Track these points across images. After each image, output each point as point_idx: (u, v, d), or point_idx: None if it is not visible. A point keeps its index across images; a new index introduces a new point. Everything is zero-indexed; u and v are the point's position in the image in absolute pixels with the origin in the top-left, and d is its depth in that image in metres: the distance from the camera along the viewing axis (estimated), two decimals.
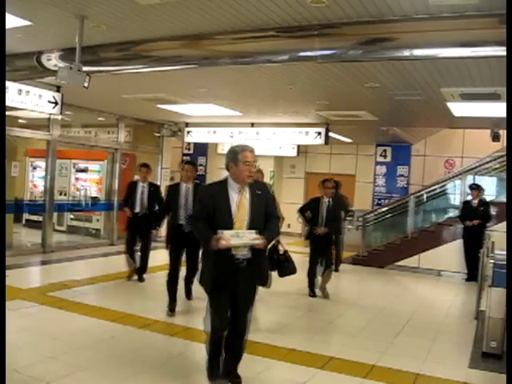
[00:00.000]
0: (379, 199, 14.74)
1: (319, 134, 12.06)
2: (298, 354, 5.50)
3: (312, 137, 12.22)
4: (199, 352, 4.96)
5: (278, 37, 5.40)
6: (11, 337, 4.83)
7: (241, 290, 4.27)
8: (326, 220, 8.35)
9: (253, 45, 5.65)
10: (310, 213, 8.45)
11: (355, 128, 12.52)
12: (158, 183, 14.28)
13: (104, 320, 6.28)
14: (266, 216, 4.31)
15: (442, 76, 6.98)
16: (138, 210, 8.69)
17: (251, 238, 4.10)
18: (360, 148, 15.94)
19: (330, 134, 12.37)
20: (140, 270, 8.74)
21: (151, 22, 5.57)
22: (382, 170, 14.74)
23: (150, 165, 9.27)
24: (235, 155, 4.18)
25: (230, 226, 4.10)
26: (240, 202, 4.17)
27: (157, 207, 8.59)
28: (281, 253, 6.45)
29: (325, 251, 8.44)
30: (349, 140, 14.63)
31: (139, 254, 8.80)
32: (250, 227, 4.16)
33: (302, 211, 8.64)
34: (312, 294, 8.44)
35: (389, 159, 14.65)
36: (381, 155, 14.74)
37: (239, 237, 4.07)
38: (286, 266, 6.44)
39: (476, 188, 11.09)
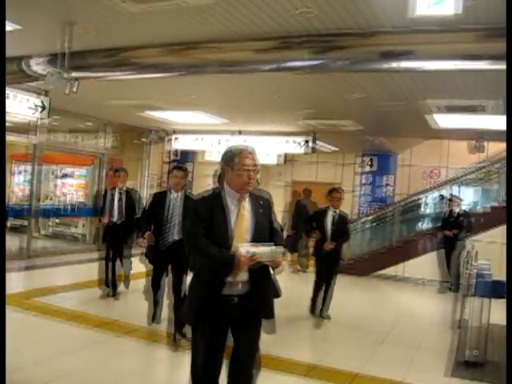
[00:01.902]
0: (364, 208, 14.82)
1: (306, 142, 12.12)
2: (281, 361, 5.53)
3: (299, 145, 12.27)
4: (183, 358, 4.98)
5: (266, 46, 5.45)
6: None
7: (238, 329, 3.40)
8: (332, 234, 7.52)
9: (240, 54, 5.69)
10: (317, 226, 7.64)
11: (341, 137, 12.61)
12: (145, 189, 14.23)
13: (88, 326, 6.27)
14: (270, 232, 3.53)
15: (428, 88, 7.07)
16: (115, 218, 8.02)
17: (270, 249, 3.27)
18: (346, 157, 16.02)
19: (317, 142, 12.45)
20: (115, 286, 8.09)
21: (140, 29, 5.59)
22: (368, 178, 14.82)
23: (126, 169, 8.58)
24: (231, 158, 3.43)
25: (226, 245, 3.29)
26: (239, 214, 3.41)
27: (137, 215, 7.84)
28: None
29: (330, 269, 7.58)
30: (335, 149, 14.72)
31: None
32: (255, 242, 3.35)
33: (308, 227, 7.94)
34: (312, 311, 7.74)
35: (374, 168, 14.73)
36: (367, 164, 14.83)
37: (258, 248, 3.24)
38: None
39: (453, 199, 11.23)
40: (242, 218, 3.41)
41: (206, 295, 3.33)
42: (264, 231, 3.46)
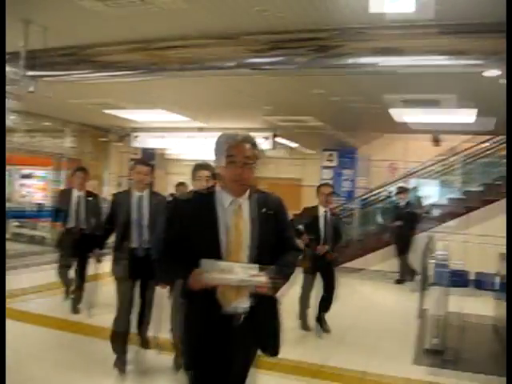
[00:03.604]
0: None
1: (266, 138, 12.18)
2: None
3: (259, 142, 12.30)
4: (151, 355, 4.99)
5: (225, 44, 5.48)
6: None
7: (235, 359, 2.85)
8: (325, 235, 6.78)
9: (200, 51, 5.71)
10: (306, 227, 6.78)
11: (302, 133, 12.71)
12: (105, 190, 14.05)
13: (52, 328, 6.21)
14: (279, 247, 2.86)
15: (385, 83, 7.20)
16: (72, 224, 7.16)
17: (250, 273, 2.61)
18: (307, 153, 16.15)
19: (277, 139, 12.53)
20: (74, 300, 7.19)
21: (98, 27, 5.55)
22: (329, 174, 14.97)
23: (86, 168, 7.75)
24: (219, 148, 2.80)
25: (217, 257, 2.68)
26: (234, 223, 2.73)
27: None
28: None
29: (325, 275, 6.84)
30: (296, 145, 14.82)
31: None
32: (252, 262, 2.69)
33: (297, 228, 6.70)
34: (305, 326, 6.92)
35: (335, 163, 14.89)
36: (327, 160, 14.98)
37: (230, 271, 2.59)
38: None
39: (402, 191, 11.46)
40: (236, 228, 2.72)
41: (206, 327, 2.74)
42: (268, 245, 2.77)
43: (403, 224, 10.91)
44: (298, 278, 6.50)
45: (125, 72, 6.19)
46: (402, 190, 11.48)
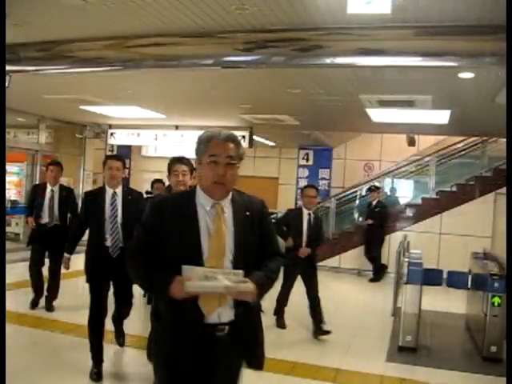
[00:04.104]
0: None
1: (243, 137, 12.19)
2: None
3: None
4: (127, 353, 4.96)
5: (202, 42, 5.47)
6: None
7: (219, 377, 2.63)
8: (308, 238, 6.68)
9: (177, 48, 5.68)
10: (289, 229, 6.73)
11: (278, 132, 12.75)
12: (81, 187, 13.93)
13: (25, 326, 6.14)
14: (262, 252, 2.67)
15: (361, 83, 7.26)
16: (46, 220, 6.98)
17: (234, 280, 2.39)
18: (283, 151, 16.19)
19: (254, 137, 12.55)
20: (49, 298, 7.04)
21: (74, 22, 5.48)
22: (305, 172, 15.04)
23: (60, 162, 7.58)
24: (199, 147, 2.61)
25: (197, 264, 2.47)
26: (216, 227, 2.53)
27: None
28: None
29: (307, 279, 6.79)
30: (272, 143, 14.86)
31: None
32: (236, 266, 2.51)
33: (281, 229, 6.66)
34: (280, 324, 6.97)
35: (311, 162, 14.96)
36: (303, 158, 15.04)
37: (213, 278, 2.38)
38: None
39: (374, 189, 11.59)
40: (218, 232, 2.52)
41: (186, 342, 2.48)
42: (251, 250, 2.58)
43: (374, 222, 11.04)
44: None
45: (101, 68, 6.14)
46: (373, 189, 11.61)
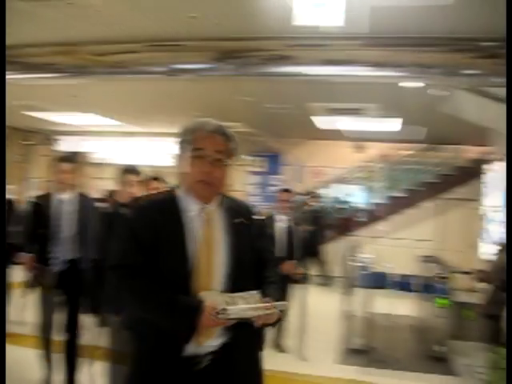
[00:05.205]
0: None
1: None
2: None
3: None
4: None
5: (156, 49, 5.49)
6: None
7: None
8: (288, 248, 5.75)
9: (130, 56, 5.68)
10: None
11: None
12: (27, 195, 13.65)
13: None
14: (257, 263, 2.24)
15: (310, 91, 7.39)
16: None
17: (254, 302, 1.98)
18: (235, 158, 16.20)
19: None
20: None
21: (23, 28, 5.41)
22: (257, 179, 15.11)
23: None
24: (182, 139, 2.20)
25: (184, 287, 2.00)
26: (206, 236, 2.08)
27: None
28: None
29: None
30: None
31: None
32: (232, 286, 2.06)
33: None
34: None
35: (262, 169, 15.05)
36: (255, 165, 15.11)
37: (233, 303, 1.94)
38: None
39: (314, 196, 11.76)
40: (207, 243, 2.07)
41: (158, 370, 2.03)
42: (247, 263, 2.16)
43: (314, 229, 11.17)
44: None
45: (52, 74, 6.07)
46: (313, 196, 11.77)
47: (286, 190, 6.14)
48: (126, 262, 2.06)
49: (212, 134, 2.17)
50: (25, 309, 6.43)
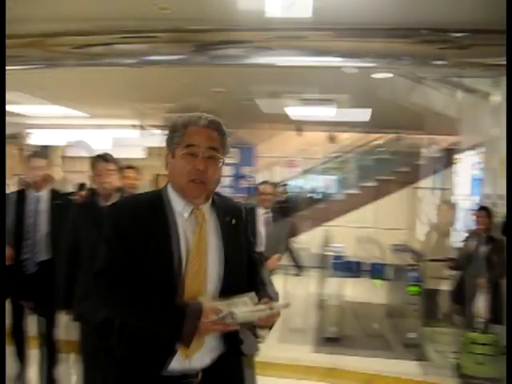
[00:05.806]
0: None
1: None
2: None
3: (160, 139, 12.28)
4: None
5: (125, 41, 5.44)
6: None
7: None
8: (268, 242, 5.37)
9: (100, 47, 5.61)
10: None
11: None
12: None
13: None
14: (249, 263, 2.11)
15: (283, 82, 7.41)
16: None
17: (255, 305, 1.89)
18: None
19: None
20: None
21: None
22: (229, 171, 15.11)
23: None
24: (172, 134, 2.09)
25: (173, 293, 1.87)
26: (196, 240, 1.94)
27: None
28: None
29: None
30: None
31: None
32: (225, 289, 1.95)
33: None
34: None
35: (235, 160, 15.05)
36: (228, 156, 15.11)
37: (237, 306, 1.82)
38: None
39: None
40: (199, 247, 1.92)
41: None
42: (241, 266, 2.04)
43: (287, 220, 11.22)
44: None
45: (19, 66, 5.98)
46: (284, 186, 11.87)
47: (266, 182, 5.95)
48: (108, 264, 1.90)
49: (205, 130, 2.01)
50: None
